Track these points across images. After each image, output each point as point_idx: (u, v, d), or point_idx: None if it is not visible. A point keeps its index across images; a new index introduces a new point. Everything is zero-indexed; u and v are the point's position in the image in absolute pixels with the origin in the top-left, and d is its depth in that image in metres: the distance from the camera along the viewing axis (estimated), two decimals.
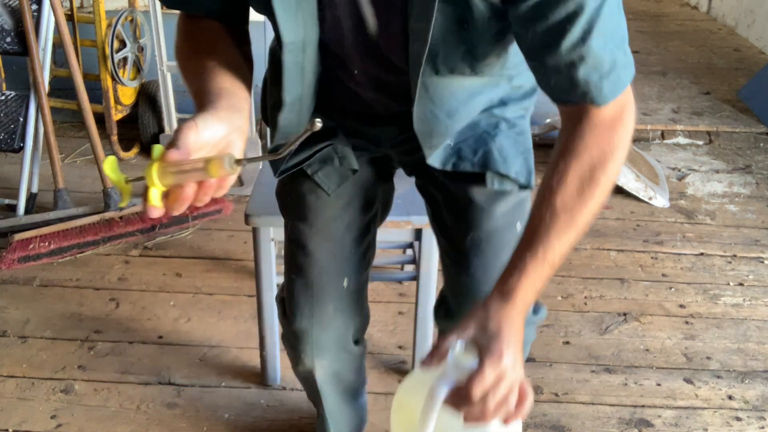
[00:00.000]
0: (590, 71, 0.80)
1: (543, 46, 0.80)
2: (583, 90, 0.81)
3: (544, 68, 0.83)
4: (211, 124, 0.74)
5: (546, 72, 0.83)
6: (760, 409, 1.74)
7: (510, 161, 1.09)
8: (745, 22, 4.39)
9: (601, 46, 0.79)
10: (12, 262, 2.13)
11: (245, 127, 0.80)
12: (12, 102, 2.35)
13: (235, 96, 0.82)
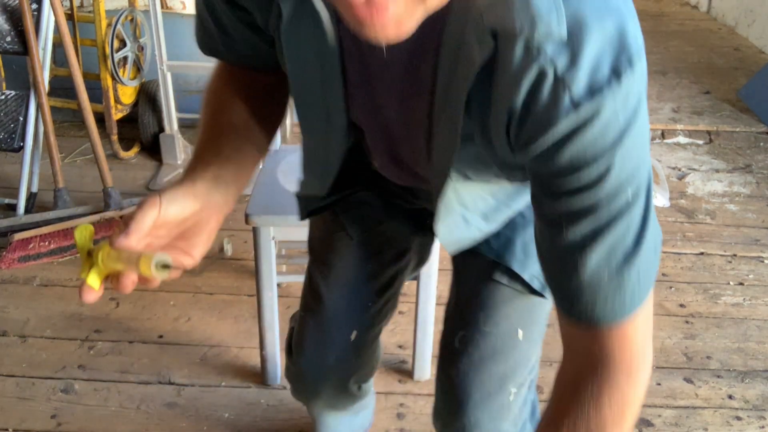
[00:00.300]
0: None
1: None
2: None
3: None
4: (179, 200, 0.69)
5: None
6: (760, 408, 1.74)
7: (529, 262, 0.94)
8: (745, 21, 4.39)
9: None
10: (12, 261, 2.13)
11: (226, 203, 0.74)
12: (12, 101, 2.35)
13: (228, 167, 0.75)
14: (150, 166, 2.79)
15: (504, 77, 0.57)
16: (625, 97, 0.55)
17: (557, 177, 0.60)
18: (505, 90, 0.58)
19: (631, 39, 0.56)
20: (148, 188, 2.63)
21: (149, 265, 0.64)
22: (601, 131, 0.56)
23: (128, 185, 2.64)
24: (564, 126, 0.56)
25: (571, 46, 0.54)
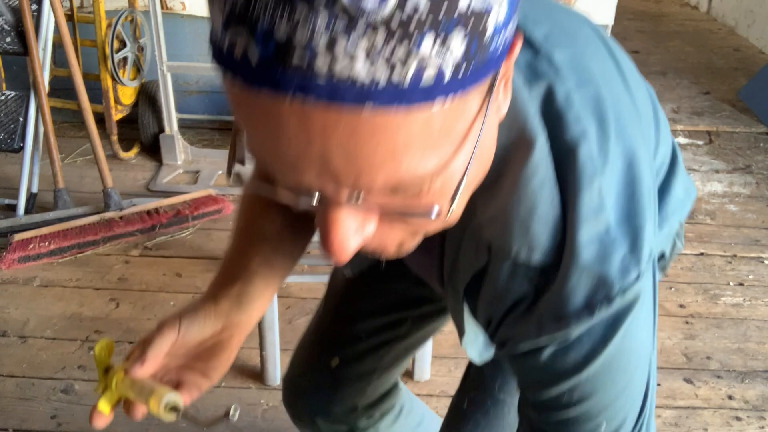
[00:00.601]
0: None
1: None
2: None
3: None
4: (200, 322, 0.68)
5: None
6: (760, 409, 1.74)
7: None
8: (745, 22, 4.39)
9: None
10: (12, 262, 2.13)
11: (249, 322, 0.71)
12: (12, 102, 2.35)
13: (254, 282, 0.71)
14: (150, 166, 2.79)
15: (489, 290, 0.59)
16: (593, 327, 0.55)
17: (528, 386, 0.62)
18: (488, 300, 0.59)
19: (615, 272, 0.53)
20: (148, 189, 2.64)
21: (158, 404, 0.63)
22: (563, 353, 0.56)
23: (128, 186, 2.64)
24: (527, 345, 0.57)
25: (551, 275, 0.54)
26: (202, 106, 3.09)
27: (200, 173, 2.72)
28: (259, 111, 0.38)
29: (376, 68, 0.35)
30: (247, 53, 0.36)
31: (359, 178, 0.40)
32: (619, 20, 3.27)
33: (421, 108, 0.37)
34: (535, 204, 0.53)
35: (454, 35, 0.36)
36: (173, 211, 2.33)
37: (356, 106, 0.36)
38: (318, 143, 0.38)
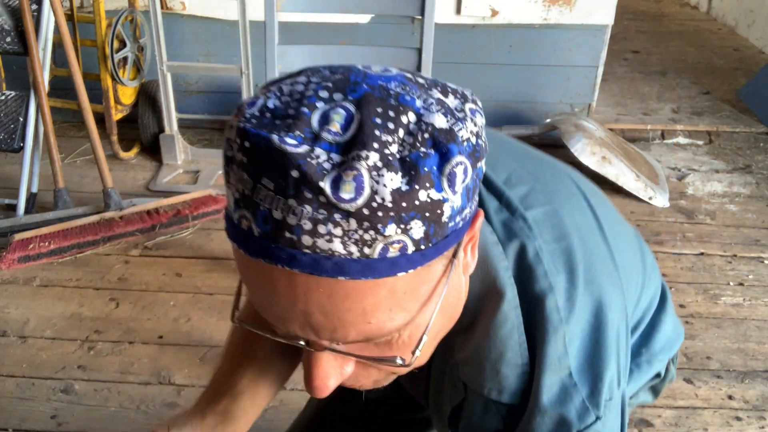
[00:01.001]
0: None
1: None
2: None
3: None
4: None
5: None
6: (760, 409, 1.74)
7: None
8: (745, 22, 4.39)
9: None
10: (12, 262, 2.13)
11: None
12: (12, 102, 2.35)
13: (240, 401, 0.75)
14: (150, 166, 2.79)
15: (466, 422, 0.64)
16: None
17: None
18: (466, 428, 0.64)
19: (574, 416, 0.58)
20: (148, 189, 2.64)
21: None
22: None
23: (128, 185, 2.64)
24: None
25: (518, 415, 0.60)
26: (202, 106, 3.09)
27: (200, 173, 2.72)
28: (257, 274, 0.48)
29: (349, 246, 0.44)
30: (251, 228, 0.46)
31: (335, 332, 0.48)
32: (619, 20, 3.27)
33: (386, 279, 0.46)
34: (504, 350, 0.60)
35: (413, 223, 0.44)
36: (173, 211, 2.33)
37: (332, 276, 0.44)
38: (301, 302, 0.47)
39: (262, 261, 0.46)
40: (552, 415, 0.58)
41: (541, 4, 2.88)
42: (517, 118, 3.04)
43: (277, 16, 1.71)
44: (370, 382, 0.58)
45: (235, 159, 0.46)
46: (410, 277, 0.47)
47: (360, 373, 0.55)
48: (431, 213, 0.45)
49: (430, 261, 0.47)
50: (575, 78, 3.06)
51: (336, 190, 0.42)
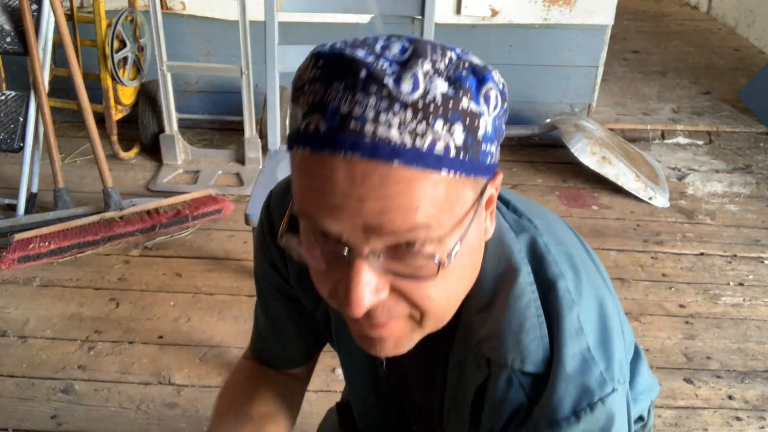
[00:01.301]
0: None
1: None
2: None
3: None
4: None
5: None
6: (760, 409, 1.74)
7: None
8: (745, 22, 4.40)
9: None
10: (12, 262, 2.13)
11: None
12: (12, 102, 2.35)
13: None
14: (150, 166, 2.79)
15: (490, 401, 0.67)
16: (582, 430, 0.63)
17: None
18: (490, 412, 0.67)
19: (595, 384, 0.63)
20: (148, 189, 2.64)
21: None
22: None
23: (128, 185, 2.64)
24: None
25: (542, 385, 0.63)
26: (202, 106, 3.09)
27: (200, 173, 2.72)
28: (319, 169, 0.53)
29: (404, 136, 0.51)
30: (318, 127, 0.52)
31: (383, 216, 0.52)
32: (619, 20, 3.27)
33: (432, 171, 0.52)
34: (523, 321, 0.64)
35: (456, 126, 0.53)
36: (173, 211, 2.33)
37: (388, 160, 0.51)
38: (358, 188, 0.52)
39: (327, 153, 0.52)
40: (575, 384, 0.62)
41: (541, 4, 2.88)
42: (517, 118, 3.05)
43: (277, 16, 1.71)
44: (396, 331, 0.61)
45: (306, 81, 0.54)
46: (449, 184, 0.53)
47: (392, 305, 0.58)
48: (470, 122, 0.53)
49: (465, 174, 0.54)
50: (575, 78, 3.06)
51: (397, 85, 0.51)
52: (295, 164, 0.56)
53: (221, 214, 2.42)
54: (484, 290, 0.66)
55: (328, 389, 1.76)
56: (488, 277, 0.66)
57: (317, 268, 0.60)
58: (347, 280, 0.56)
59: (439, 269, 0.56)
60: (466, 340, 0.69)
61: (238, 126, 2.80)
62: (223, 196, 2.45)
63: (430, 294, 0.58)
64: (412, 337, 0.63)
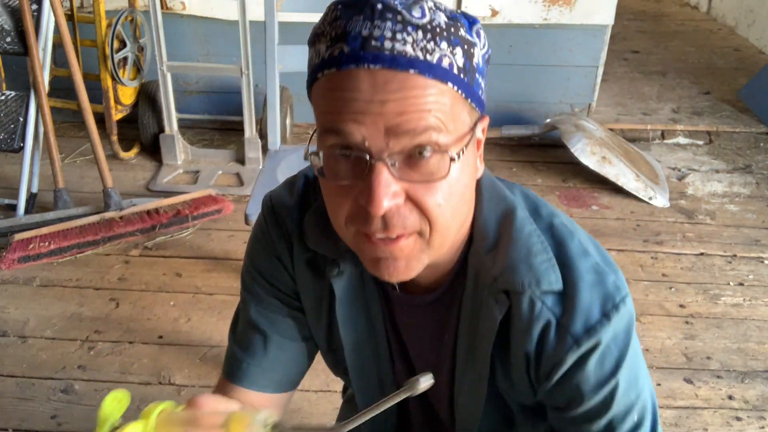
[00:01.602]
0: None
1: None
2: None
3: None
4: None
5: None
6: (760, 409, 1.74)
7: None
8: (745, 22, 4.39)
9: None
10: (12, 262, 2.13)
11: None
12: (12, 102, 2.35)
13: None
14: (150, 166, 2.79)
15: (518, 327, 0.72)
16: (615, 332, 0.70)
17: (572, 405, 0.73)
18: (519, 338, 0.72)
19: (612, 289, 0.71)
20: (148, 189, 2.64)
21: (248, 426, 0.52)
22: (601, 360, 0.70)
23: (128, 185, 2.64)
24: (570, 359, 0.70)
25: (567, 298, 0.70)
26: (202, 106, 3.09)
27: (200, 173, 2.72)
28: (345, 82, 0.61)
29: (417, 51, 0.61)
30: (342, 50, 0.61)
31: (401, 117, 0.61)
32: (619, 20, 3.27)
33: (440, 82, 0.62)
34: (530, 246, 0.72)
35: (457, 49, 0.63)
36: (173, 211, 2.33)
37: (405, 69, 0.61)
38: (380, 92, 0.60)
39: (352, 68, 0.61)
40: (598, 291, 0.70)
41: (541, 4, 2.88)
42: (517, 118, 3.04)
43: (277, 16, 1.71)
44: (409, 247, 0.66)
45: (327, 23, 0.64)
46: (453, 98, 0.63)
47: (406, 214, 0.64)
48: (467, 48, 0.64)
49: (465, 94, 0.64)
50: (575, 78, 3.06)
51: (408, 12, 0.61)
52: (320, 90, 0.64)
53: (221, 214, 2.42)
54: (488, 233, 0.74)
55: (328, 389, 1.76)
56: (490, 221, 0.74)
57: (337, 190, 0.65)
58: (368, 182, 0.62)
59: (450, 167, 0.63)
60: (478, 285, 0.74)
61: (238, 126, 2.80)
62: (223, 196, 2.45)
63: (439, 201, 0.65)
64: (421, 258, 0.68)
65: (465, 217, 0.72)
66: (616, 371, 0.70)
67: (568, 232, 0.74)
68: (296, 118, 3.10)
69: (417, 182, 0.63)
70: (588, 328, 0.69)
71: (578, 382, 0.71)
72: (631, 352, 0.71)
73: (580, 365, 0.70)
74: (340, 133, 0.62)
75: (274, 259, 0.85)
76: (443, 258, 0.74)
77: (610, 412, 0.72)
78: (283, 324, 0.87)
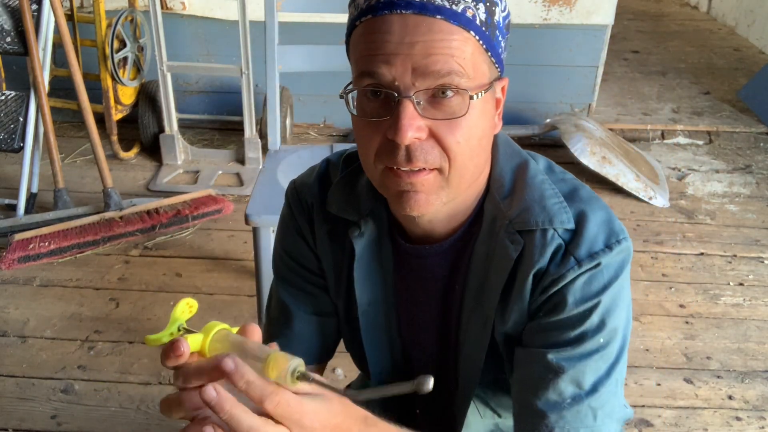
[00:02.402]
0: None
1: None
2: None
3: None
4: None
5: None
6: (760, 409, 1.74)
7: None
8: (745, 22, 4.39)
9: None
10: (12, 262, 2.13)
11: None
12: (12, 102, 2.35)
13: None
14: (150, 166, 2.79)
15: (528, 258, 0.78)
16: (613, 259, 0.78)
17: (552, 313, 0.79)
18: (528, 265, 0.79)
19: (618, 229, 0.80)
20: (148, 189, 2.64)
21: (281, 369, 0.57)
22: (590, 279, 0.78)
23: (128, 186, 2.64)
24: (569, 276, 0.77)
25: (577, 230, 0.78)
26: (202, 106, 3.09)
27: (200, 173, 2.72)
28: (379, 25, 0.69)
29: (444, 0, 0.68)
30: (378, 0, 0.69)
31: (428, 59, 0.67)
32: (619, 20, 3.27)
33: (464, 30, 0.69)
34: (542, 190, 0.80)
35: (481, 4, 0.70)
36: (173, 211, 2.33)
37: (433, 15, 0.68)
38: (410, 35, 0.68)
39: (386, 13, 0.68)
40: (604, 227, 0.79)
41: (541, 4, 2.88)
42: (517, 118, 3.04)
43: (277, 16, 1.71)
44: (429, 182, 0.72)
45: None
46: (475, 47, 0.70)
47: (428, 149, 0.71)
48: (490, 5, 0.71)
49: (486, 46, 0.71)
50: (575, 78, 3.06)
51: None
52: (357, 37, 0.72)
53: (221, 214, 2.42)
54: (504, 182, 0.81)
55: None
56: (505, 171, 0.82)
57: (368, 125, 0.72)
58: (396, 115, 0.69)
59: (469, 105, 0.69)
60: (494, 229, 0.81)
61: (238, 126, 2.80)
62: (223, 196, 2.45)
63: (458, 140, 0.71)
64: (440, 194, 0.74)
65: (482, 162, 0.78)
66: (600, 293, 0.77)
67: (579, 183, 0.84)
68: (296, 118, 3.10)
69: (439, 120, 0.70)
70: (591, 254, 0.77)
71: (565, 293, 0.78)
72: (618, 284, 0.78)
73: (573, 282, 0.78)
74: (373, 75, 0.69)
75: (298, 237, 0.92)
76: (460, 205, 0.80)
77: (582, 327, 0.78)
78: (307, 300, 0.93)
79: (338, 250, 0.90)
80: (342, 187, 0.88)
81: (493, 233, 0.81)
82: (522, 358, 0.82)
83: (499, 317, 0.82)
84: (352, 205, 0.86)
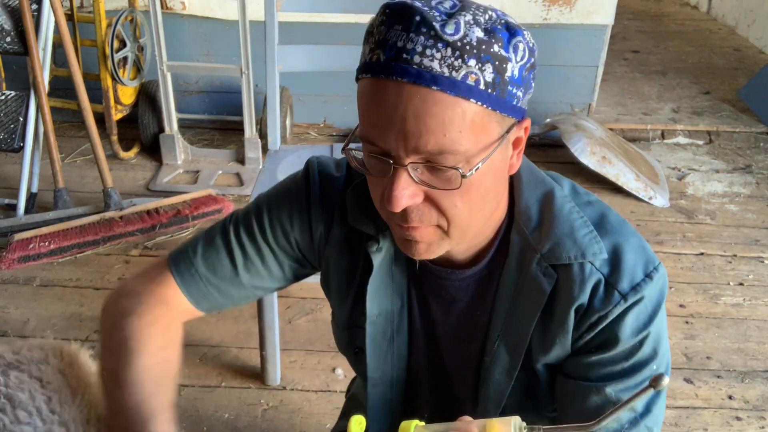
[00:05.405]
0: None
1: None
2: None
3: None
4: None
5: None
6: (760, 409, 1.74)
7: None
8: (745, 22, 4.39)
9: None
10: (12, 262, 2.13)
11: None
12: (12, 102, 2.35)
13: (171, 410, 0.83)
14: (150, 166, 2.79)
15: (566, 292, 0.79)
16: (654, 289, 0.79)
17: (604, 348, 0.80)
18: (567, 300, 0.79)
19: (652, 254, 0.81)
20: (148, 188, 2.64)
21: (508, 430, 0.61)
22: (642, 311, 0.78)
23: (128, 185, 2.64)
24: (617, 311, 0.78)
25: (613, 261, 0.79)
26: (202, 106, 3.09)
27: (200, 173, 2.72)
28: (376, 90, 0.67)
29: (443, 68, 0.64)
30: (379, 58, 0.67)
31: (420, 138, 0.65)
32: (619, 20, 3.27)
33: (463, 99, 0.65)
34: (572, 222, 0.79)
35: (487, 65, 0.66)
36: (173, 211, 2.33)
37: (429, 86, 0.64)
38: (402, 107, 0.65)
39: (383, 77, 0.66)
40: (641, 256, 0.79)
41: (541, 4, 2.88)
42: None
43: (277, 16, 1.71)
44: (428, 234, 0.73)
45: (375, 25, 0.68)
46: (477, 113, 0.66)
47: (424, 211, 0.71)
48: (499, 64, 0.66)
49: (492, 108, 0.67)
50: (575, 78, 3.06)
51: (442, 28, 0.64)
52: (360, 91, 0.70)
53: (221, 214, 2.42)
54: (531, 214, 0.81)
55: (328, 389, 1.76)
56: (531, 203, 0.81)
57: (372, 180, 0.73)
58: (390, 183, 0.69)
59: (462, 181, 0.68)
60: (524, 262, 0.80)
61: (238, 126, 2.80)
62: (223, 196, 2.45)
63: (456, 203, 0.70)
64: (441, 244, 0.75)
65: (490, 210, 0.77)
66: (649, 323, 0.78)
67: (606, 207, 0.83)
68: (296, 118, 3.10)
69: (435, 188, 0.69)
70: (633, 286, 0.77)
71: (616, 330, 0.78)
72: (662, 311, 0.80)
73: (622, 317, 0.78)
74: (370, 141, 0.69)
75: (303, 223, 0.88)
76: (477, 239, 0.81)
77: (636, 358, 0.79)
78: (258, 271, 0.89)
79: (351, 257, 0.88)
80: (358, 196, 0.85)
81: (523, 266, 0.81)
82: (574, 390, 0.82)
83: (539, 348, 0.83)
84: (369, 217, 0.84)
